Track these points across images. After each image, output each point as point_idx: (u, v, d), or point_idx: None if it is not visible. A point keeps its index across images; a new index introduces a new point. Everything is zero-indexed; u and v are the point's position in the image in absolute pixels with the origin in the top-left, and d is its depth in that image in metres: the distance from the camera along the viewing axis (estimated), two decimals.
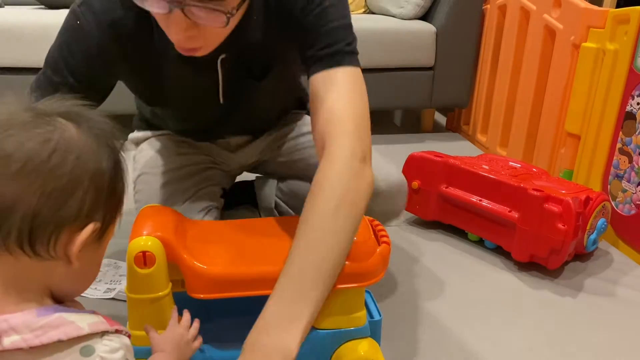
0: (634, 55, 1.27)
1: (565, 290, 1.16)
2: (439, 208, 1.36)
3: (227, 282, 0.71)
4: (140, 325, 0.70)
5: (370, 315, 0.81)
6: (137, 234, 0.70)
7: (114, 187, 0.50)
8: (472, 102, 2.14)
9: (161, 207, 0.80)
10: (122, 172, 0.52)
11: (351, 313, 0.75)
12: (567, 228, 1.13)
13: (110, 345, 0.47)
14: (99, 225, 0.49)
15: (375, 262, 0.74)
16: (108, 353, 0.46)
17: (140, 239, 0.69)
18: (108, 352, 0.46)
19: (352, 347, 0.75)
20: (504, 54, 1.89)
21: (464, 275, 1.20)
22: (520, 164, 1.39)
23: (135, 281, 0.69)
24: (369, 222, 0.79)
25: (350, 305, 0.75)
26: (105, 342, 0.47)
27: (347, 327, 0.75)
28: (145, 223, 0.72)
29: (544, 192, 1.16)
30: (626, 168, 1.30)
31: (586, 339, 1.00)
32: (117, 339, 0.48)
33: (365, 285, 0.74)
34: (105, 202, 0.49)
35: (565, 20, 1.52)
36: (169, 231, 0.71)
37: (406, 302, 1.09)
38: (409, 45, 1.99)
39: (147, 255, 0.68)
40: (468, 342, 0.98)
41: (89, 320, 0.47)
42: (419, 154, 1.37)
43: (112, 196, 0.50)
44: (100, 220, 0.49)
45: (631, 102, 1.28)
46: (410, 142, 2.06)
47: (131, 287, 0.70)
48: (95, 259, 0.53)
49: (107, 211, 0.50)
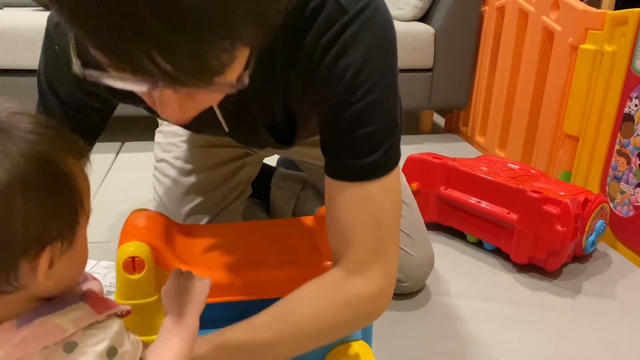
0: (632, 57, 1.27)
1: (564, 291, 1.16)
2: (438, 210, 1.36)
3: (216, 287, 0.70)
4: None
5: None
6: (125, 240, 0.69)
7: (57, 192, 0.43)
8: (471, 104, 2.15)
9: (150, 211, 0.78)
10: (69, 165, 0.44)
11: None
12: (565, 230, 1.13)
13: (95, 337, 0.44)
14: (59, 243, 0.43)
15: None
16: (91, 346, 0.44)
17: (129, 244, 0.68)
18: (91, 346, 0.44)
19: (343, 350, 0.74)
20: (502, 55, 1.89)
21: (462, 276, 1.20)
22: (519, 166, 1.39)
23: (124, 287, 0.68)
24: None
25: None
26: (88, 333, 0.44)
27: None
28: (133, 228, 0.72)
29: (542, 194, 1.16)
30: (624, 170, 1.30)
31: (585, 341, 1.00)
32: (103, 329, 0.45)
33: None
34: (55, 215, 0.43)
35: (563, 22, 1.52)
36: (158, 236, 0.71)
37: (402, 304, 1.09)
38: (407, 46, 1.99)
39: (136, 260, 0.67)
40: (464, 344, 0.98)
41: (73, 316, 0.44)
42: (418, 155, 1.37)
43: (56, 209, 0.43)
44: (58, 235, 0.43)
45: (629, 103, 1.28)
46: (409, 143, 2.06)
47: (121, 293, 0.69)
48: (76, 257, 0.47)
49: (64, 221, 0.44)
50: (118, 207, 1.42)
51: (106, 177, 1.68)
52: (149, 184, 1.15)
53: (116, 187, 1.60)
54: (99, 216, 1.64)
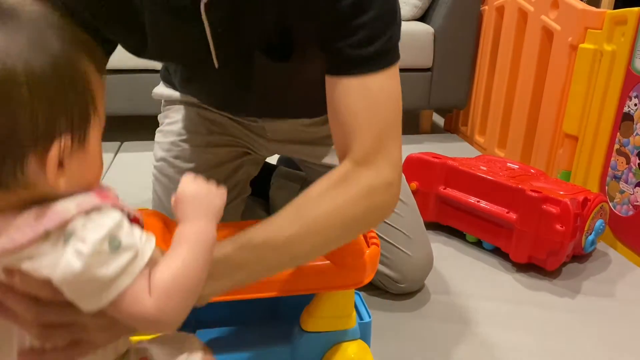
0: (632, 56, 1.27)
1: (563, 291, 1.16)
2: (437, 209, 1.36)
3: None
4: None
5: (360, 317, 0.81)
6: None
7: (68, 87, 0.42)
8: (470, 103, 2.14)
9: (150, 211, 0.77)
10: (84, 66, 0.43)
11: (340, 315, 0.75)
12: (565, 229, 1.13)
13: (95, 222, 0.42)
14: (69, 137, 0.42)
15: (363, 265, 0.73)
16: (90, 231, 0.42)
17: None
18: (91, 230, 0.42)
19: (342, 349, 0.75)
20: (501, 55, 1.89)
21: (461, 276, 1.20)
22: (518, 165, 1.39)
23: None
24: None
25: (340, 307, 0.75)
26: (90, 218, 0.42)
27: (337, 329, 0.75)
28: None
29: (542, 194, 1.16)
30: (624, 169, 1.30)
31: (584, 340, 1.00)
32: (105, 216, 0.43)
33: (354, 287, 0.74)
34: (65, 110, 0.42)
35: (562, 22, 1.52)
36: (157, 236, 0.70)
37: (401, 304, 1.08)
38: (406, 46, 1.97)
39: None
40: (463, 343, 0.98)
41: (78, 200, 0.43)
42: (417, 155, 1.37)
43: (66, 103, 0.42)
44: (67, 131, 0.42)
45: (628, 103, 1.28)
46: (408, 143, 2.05)
47: None
48: (89, 161, 0.46)
49: (74, 118, 0.43)
50: None
51: (105, 177, 1.68)
52: (148, 183, 1.15)
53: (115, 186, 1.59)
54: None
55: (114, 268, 0.42)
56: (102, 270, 0.42)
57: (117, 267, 0.42)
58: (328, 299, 0.74)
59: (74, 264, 0.41)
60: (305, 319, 0.76)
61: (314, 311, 0.75)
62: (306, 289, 0.72)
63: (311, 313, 0.75)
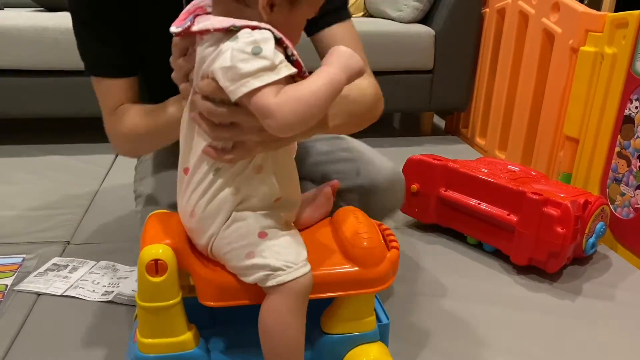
0: (632, 59, 1.27)
1: (564, 293, 1.16)
2: (438, 211, 1.36)
3: (238, 290, 0.69)
4: (150, 333, 0.69)
5: (379, 319, 0.81)
6: (147, 242, 0.68)
7: None
8: (471, 106, 2.15)
9: (170, 213, 0.77)
10: None
11: (361, 318, 0.76)
12: (565, 232, 1.13)
13: (251, 33, 0.57)
14: None
15: (385, 268, 0.73)
16: (245, 36, 0.57)
17: (152, 246, 0.67)
18: (246, 36, 0.57)
19: (363, 351, 0.75)
20: (502, 57, 1.89)
21: (462, 278, 1.20)
22: (519, 168, 1.39)
23: (146, 289, 0.68)
24: (378, 227, 0.78)
25: (361, 310, 0.75)
26: (253, 31, 0.57)
27: (358, 331, 0.75)
28: (155, 230, 0.71)
29: (542, 196, 1.16)
30: (624, 172, 1.30)
31: (585, 343, 1.00)
32: (260, 32, 0.57)
33: (376, 291, 0.74)
34: None
35: (563, 24, 1.53)
36: (180, 239, 0.70)
37: (401, 305, 1.08)
38: (408, 48, 1.99)
39: (159, 263, 0.66)
40: (464, 346, 0.98)
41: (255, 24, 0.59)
42: (418, 157, 1.37)
43: None
44: None
45: (629, 105, 1.28)
46: (409, 145, 2.06)
47: (142, 296, 0.68)
48: (289, 22, 0.62)
49: None
50: (118, 207, 1.42)
51: (106, 178, 1.68)
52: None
53: (116, 187, 1.60)
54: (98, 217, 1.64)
55: (249, 67, 0.56)
56: (241, 65, 0.56)
57: (253, 67, 0.56)
58: (350, 302, 0.74)
59: (227, 56, 0.57)
60: (326, 321, 0.76)
61: (336, 314, 0.75)
62: (328, 293, 0.72)
63: (332, 315, 0.75)
